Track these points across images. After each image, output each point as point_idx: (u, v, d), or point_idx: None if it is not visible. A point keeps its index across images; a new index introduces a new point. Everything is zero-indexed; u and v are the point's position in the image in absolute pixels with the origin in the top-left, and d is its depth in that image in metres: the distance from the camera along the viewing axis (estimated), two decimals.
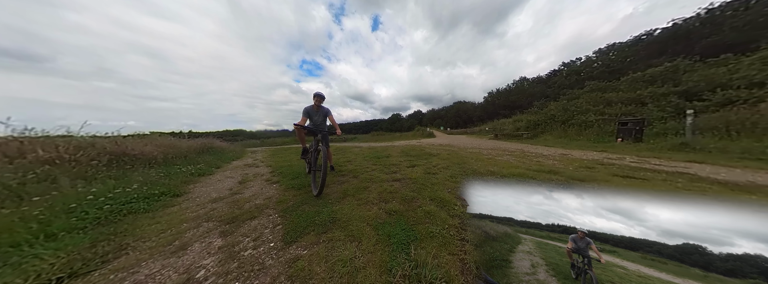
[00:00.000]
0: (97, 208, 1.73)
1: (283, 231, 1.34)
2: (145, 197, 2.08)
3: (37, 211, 1.58)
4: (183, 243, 1.26)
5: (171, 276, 0.98)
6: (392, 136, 20.21)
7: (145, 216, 1.72)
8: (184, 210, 1.83)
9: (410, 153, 4.68)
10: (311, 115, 2.57)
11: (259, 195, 2.11)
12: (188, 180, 2.98)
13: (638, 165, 2.84)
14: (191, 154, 4.95)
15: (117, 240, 1.31)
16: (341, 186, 2.20)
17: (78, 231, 1.42)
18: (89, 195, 1.96)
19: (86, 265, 1.06)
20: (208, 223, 1.50)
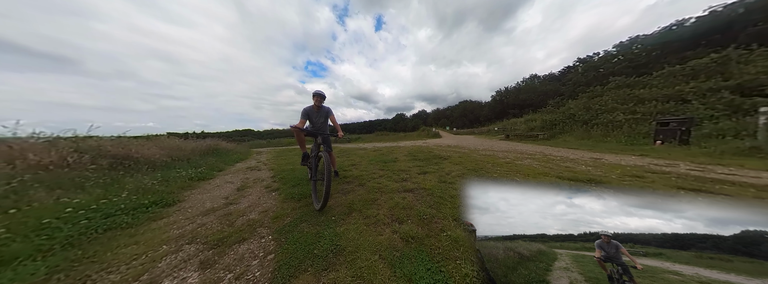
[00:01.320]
0: (72, 224, 1.57)
1: (274, 264, 1.08)
2: (133, 208, 1.93)
3: (1, 229, 1.40)
4: (151, 279, 1.03)
5: None
6: (396, 136, 19.71)
7: (125, 233, 1.55)
8: (170, 224, 1.68)
9: (418, 156, 4.46)
10: (311, 117, 2.35)
11: (255, 207, 1.96)
12: (186, 185, 2.84)
13: (702, 174, 2.35)
14: (194, 157, 4.80)
15: (79, 271, 1.11)
16: (346, 197, 2.01)
17: (41, 256, 1.24)
18: (69, 207, 1.79)
19: None
20: (191, 246, 1.32)
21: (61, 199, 1.98)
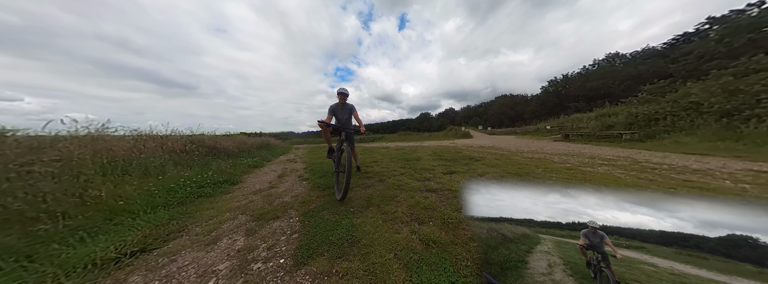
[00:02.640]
0: (184, 189, 2.30)
1: (297, 243, 1.23)
2: (214, 183, 2.65)
3: (155, 188, 2.21)
4: (216, 236, 1.37)
5: (189, 277, 0.99)
6: (420, 135, 19.12)
7: (208, 200, 2.16)
8: (232, 198, 2.21)
9: (444, 155, 4.19)
10: (336, 113, 2.52)
11: (289, 192, 2.35)
12: (245, 170, 3.68)
13: None
14: (253, 149, 6.35)
15: (182, 221, 1.64)
16: (365, 191, 2.09)
17: (168, 207, 1.90)
18: (182, 178, 2.65)
19: (154, 242, 1.31)
20: (243, 216, 1.71)
21: (180, 173, 2.93)
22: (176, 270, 1.05)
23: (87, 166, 2.16)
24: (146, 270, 1.07)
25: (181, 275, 1.02)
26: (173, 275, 1.02)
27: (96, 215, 1.61)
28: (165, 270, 1.06)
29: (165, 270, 1.06)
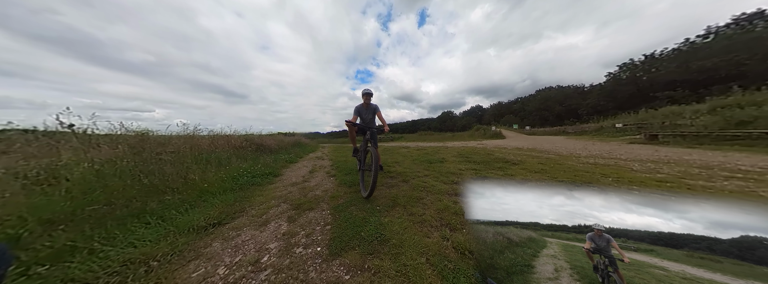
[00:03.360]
0: (242, 178, 2.91)
1: (331, 234, 1.34)
2: (262, 174, 3.25)
3: (224, 176, 2.87)
4: (266, 219, 1.65)
5: (249, 251, 1.20)
6: (442, 136, 17.70)
7: (258, 188, 2.66)
8: (275, 188, 2.66)
9: (472, 158, 3.91)
10: (361, 114, 2.66)
11: (319, 186, 2.66)
12: (284, 165, 4.35)
13: None
14: (289, 147, 7.62)
15: (242, 204, 2.06)
16: (390, 191, 2.14)
17: (233, 191, 2.44)
18: (241, 169, 3.37)
19: (225, 218, 1.68)
20: (284, 204, 2.03)
21: (239, 165, 3.70)
22: (241, 243, 1.36)
23: (187, 157, 3.00)
24: (222, 239, 1.42)
25: (244, 247, 1.29)
26: (239, 246, 1.31)
27: (192, 193, 2.21)
28: (234, 242, 1.37)
29: (234, 242, 1.37)
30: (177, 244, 1.31)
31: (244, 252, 1.24)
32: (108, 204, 1.67)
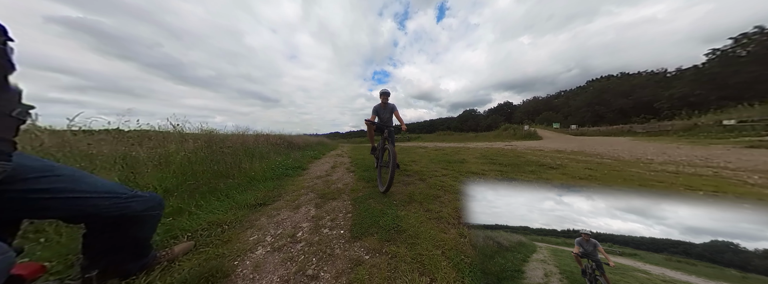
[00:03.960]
0: (277, 170, 3.43)
1: (352, 221, 1.48)
2: (292, 167, 3.78)
3: (266, 166, 3.45)
4: (298, 204, 1.93)
5: (287, 227, 1.46)
6: (464, 136, 16.59)
7: (290, 179, 3.10)
8: (303, 180, 3.05)
9: (498, 160, 3.59)
10: (379, 113, 2.82)
11: (340, 180, 2.93)
12: (310, 161, 4.93)
13: None
14: (314, 145, 8.73)
15: (279, 190, 2.45)
16: (406, 188, 2.20)
17: (272, 180, 2.91)
18: (277, 162, 3.98)
19: (267, 200, 2.02)
20: (312, 193, 2.32)
21: (276, 159, 4.36)
22: (281, 220, 1.67)
23: (239, 151, 3.70)
24: (267, 216, 1.76)
25: (283, 224, 1.56)
26: (280, 223, 1.61)
27: (244, 179, 2.75)
28: (275, 219, 1.69)
29: (275, 219, 1.69)
30: (238, 216, 1.70)
31: (283, 227, 1.53)
32: (195, 182, 2.26)
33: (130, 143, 2.59)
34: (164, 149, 2.59)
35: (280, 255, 1.17)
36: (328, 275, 0.98)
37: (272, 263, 1.10)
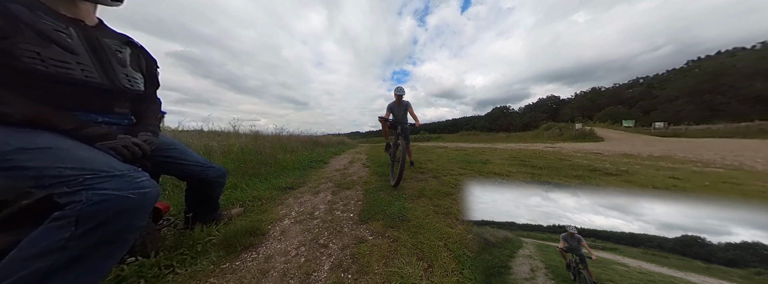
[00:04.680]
0: (304, 162, 3.93)
1: (361, 207, 1.63)
2: (316, 160, 4.27)
3: (295, 159, 3.98)
4: (318, 190, 2.20)
5: (308, 207, 1.73)
6: (492, 136, 14.59)
7: (313, 170, 3.50)
8: (324, 171, 3.40)
9: (532, 162, 3.14)
10: (394, 111, 2.88)
11: (355, 174, 3.16)
12: (330, 156, 5.47)
13: None
14: (335, 143, 9.60)
15: (303, 179, 2.81)
16: (418, 184, 2.23)
17: (299, 170, 3.35)
18: (304, 155, 4.57)
19: (294, 186, 2.36)
20: (330, 183, 2.59)
21: (303, 153, 4.98)
22: (304, 201, 1.96)
23: (275, 145, 4.41)
24: (293, 197, 2.08)
25: (305, 204, 1.84)
26: (303, 203, 1.90)
27: (278, 167, 3.26)
28: (300, 200, 2.00)
29: (300, 200, 2.00)
30: (272, 194, 2.08)
31: (305, 207, 1.81)
32: (245, 167, 2.84)
33: (208, 138, 3.58)
34: (227, 143, 3.47)
35: (300, 227, 1.40)
36: (336, 246, 1.13)
37: (294, 231, 1.33)
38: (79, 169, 0.57)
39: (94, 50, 0.71)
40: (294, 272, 0.93)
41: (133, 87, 0.82)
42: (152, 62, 0.96)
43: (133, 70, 0.83)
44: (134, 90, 0.83)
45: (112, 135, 0.72)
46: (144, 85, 0.89)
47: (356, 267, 0.93)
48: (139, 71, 0.87)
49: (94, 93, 0.72)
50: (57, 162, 0.56)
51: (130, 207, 0.59)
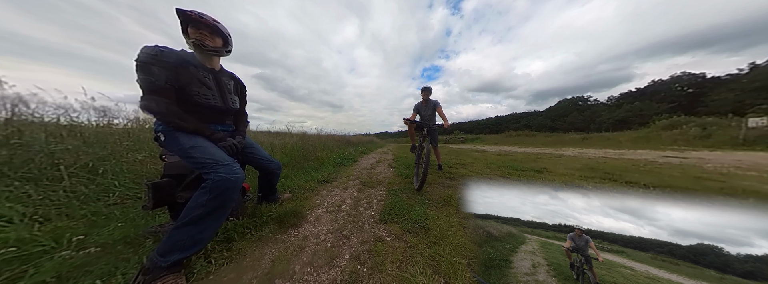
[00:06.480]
0: (336, 160, 4.43)
1: (382, 208, 1.70)
2: (347, 158, 4.78)
3: (330, 156, 4.61)
4: (346, 186, 2.43)
5: (337, 200, 1.93)
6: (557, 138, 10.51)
7: (345, 167, 3.91)
8: (353, 169, 3.74)
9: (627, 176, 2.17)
10: (421, 111, 2.78)
11: (381, 173, 3.33)
12: (360, 155, 6.00)
13: None
14: (365, 143, 10.52)
15: (336, 174, 3.20)
16: (445, 191, 2.12)
17: (333, 166, 3.83)
18: (336, 153, 5.16)
19: (328, 180, 2.71)
20: (357, 180, 2.84)
21: (337, 151, 5.65)
22: (334, 194, 2.24)
23: (316, 144, 5.20)
24: (326, 191, 2.41)
25: (335, 197, 2.07)
26: (334, 196, 2.17)
27: (317, 163, 3.87)
28: (332, 193, 2.29)
29: (332, 193, 2.29)
30: (312, 186, 2.47)
31: (335, 199, 2.07)
32: (294, 161, 3.57)
33: (272, 137, 4.69)
34: (283, 141, 4.44)
35: (330, 216, 1.61)
36: (356, 239, 1.24)
37: (325, 219, 1.55)
38: (211, 160, 0.93)
39: (219, 86, 1.15)
40: (321, 254, 1.09)
41: (234, 106, 1.26)
42: (243, 87, 1.40)
43: (235, 95, 1.28)
44: (235, 108, 1.26)
45: (225, 138, 1.14)
46: (239, 104, 1.33)
47: (371, 263, 0.98)
48: (237, 95, 1.31)
49: (218, 112, 1.17)
50: (204, 155, 0.94)
51: (231, 186, 0.90)
